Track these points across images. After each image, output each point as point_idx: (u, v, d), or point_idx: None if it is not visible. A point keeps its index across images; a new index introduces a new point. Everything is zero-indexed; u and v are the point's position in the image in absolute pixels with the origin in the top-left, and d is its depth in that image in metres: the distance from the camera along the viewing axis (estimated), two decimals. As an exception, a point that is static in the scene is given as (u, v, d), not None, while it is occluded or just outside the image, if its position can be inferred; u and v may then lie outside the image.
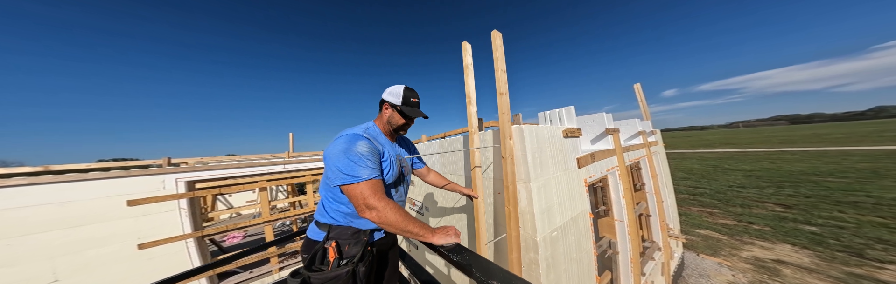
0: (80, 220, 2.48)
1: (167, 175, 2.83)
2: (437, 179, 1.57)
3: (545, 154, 1.74)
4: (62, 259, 2.41)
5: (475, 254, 0.88)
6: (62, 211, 2.43)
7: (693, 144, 35.23)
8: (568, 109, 2.26)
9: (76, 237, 2.47)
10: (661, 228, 3.56)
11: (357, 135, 1.01)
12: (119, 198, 2.61)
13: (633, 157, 3.29)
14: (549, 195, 1.71)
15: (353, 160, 0.92)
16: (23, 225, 2.30)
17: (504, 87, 1.62)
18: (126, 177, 2.64)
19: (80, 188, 2.51)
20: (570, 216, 1.89)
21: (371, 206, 0.88)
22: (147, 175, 2.73)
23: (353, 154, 0.93)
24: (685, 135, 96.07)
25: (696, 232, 5.45)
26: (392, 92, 1.16)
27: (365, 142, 0.98)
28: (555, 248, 1.68)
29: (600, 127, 2.84)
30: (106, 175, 2.58)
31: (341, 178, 0.91)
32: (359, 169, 0.91)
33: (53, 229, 2.40)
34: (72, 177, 2.46)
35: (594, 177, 2.33)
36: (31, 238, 2.33)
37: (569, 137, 2.02)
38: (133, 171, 2.71)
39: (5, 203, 2.26)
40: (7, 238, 2.24)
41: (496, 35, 1.70)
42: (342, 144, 0.96)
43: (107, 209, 2.58)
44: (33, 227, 2.34)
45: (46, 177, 2.40)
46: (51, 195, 2.41)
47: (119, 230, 2.61)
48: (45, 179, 2.39)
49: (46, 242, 2.36)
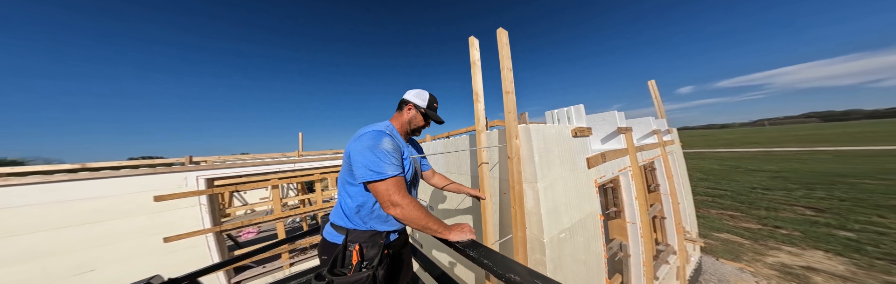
0: (113, 214, 2.67)
1: (189, 172, 2.99)
2: (440, 180, 1.54)
3: (552, 153, 1.71)
4: (98, 250, 2.60)
5: (490, 250, 0.91)
6: (97, 206, 2.62)
7: (711, 143, 33.57)
8: (577, 108, 2.21)
9: (110, 230, 2.66)
10: (676, 231, 3.42)
11: (381, 131, 1.01)
12: (147, 194, 2.79)
13: (647, 157, 3.18)
14: (556, 195, 1.68)
15: (379, 157, 0.92)
16: (64, 217, 2.51)
17: (510, 86, 1.61)
18: (152, 175, 2.82)
19: (113, 184, 2.70)
20: (579, 217, 1.86)
21: (396, 203, 0.89)
22: (171, 172, 2.90)
23: (380, 150, 0.93)
24: (702, 134, 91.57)
25: (714, 236, 5.21)
26: (418, 95, 1.18)
27: (389, 139, 0.98)
28: (562, 249, 1.66)
29: (612, 126, 2.76)
30: (135, 172, 2.77)
31: (368, 175, 0.91)
32: (385, 165, 0.92)
33: (90, 222, 2.59)
34: (105, 174, 2.65)
35: (605, 178, 2.27)
36: (72, 230, 2.53)
37: (578, 136, 1.98)
38: (159, 169, 2.89)
39: (49, 197, 2.47)
40: (51, 229, 2.45)
41: (502, 33, 1.68)
42: (368, 140, 0.96)
43: (136, 204, 2.76)
44: (73, 220, 2.54)
45: (83, 174, 2.60)
46: (87, 190, 2.61)
47: (147, 224, 2.80)
48: (82, 176, 2.59)
49: (85, 234, 2.56)
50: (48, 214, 2.44)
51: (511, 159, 1.56)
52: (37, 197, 2.42)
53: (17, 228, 2.34)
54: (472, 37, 1.89)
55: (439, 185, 1.54)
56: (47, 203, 2.44)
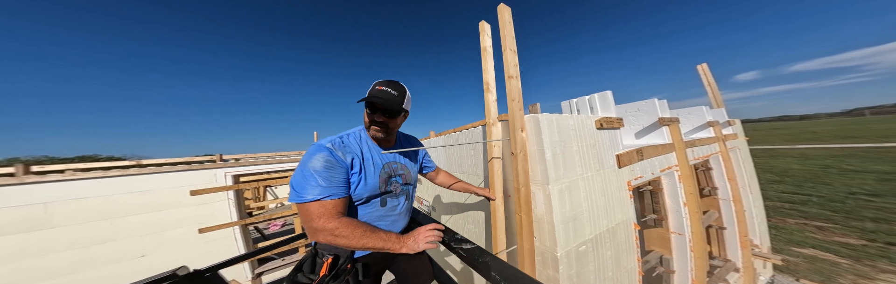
0: (158, 206, 3.01)
1: (218, 169, 3.27)
2: (446, 179, 1.44)
3: (570, 149, 1.42)
4: (148, 238, 2.96)
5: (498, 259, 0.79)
6: (146, 198, 2.98)
7: (788, 138, 27.99)
8: (602, 95, 1.84)
9: (157, 220, 3.01)
10: (740, 244, 2.80)
11: (320, 145, 0.88)
12: (184, 189, 3.10)
13: (700, 154, 2.62)
14: (576, 200, 1.40)
15: (304, 176, 0.82)
16: (120, 208, 2.88)
17: (514, 70, 1.36)
18: (188, 171, 3.12)
19: (158, 179, 3.05)
20: (607, 226, 1.54)
21: (315, 229, 0.78)
22: (203, 169, 3.19)
23: (307, 169, 0.82)
24: (774, 127, 76.77)
25: (794, 251, 4.23)
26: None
27: (323, 155, 0.85)
28: (582, 265, 1.37)
29: (650, 116, 2.30)
30: (174, 169, 3.08)
31: (292, 195, 0.82)
32: (307, 187, 0.80)
33: (141, 212, 2.95)
34: (151, 170, 2.99)
35: (642, 179, 1.88)
36: (128, 219, 2.91)
37: (605, 129, 1.64)
38: (194, 166, 3.18)
39: (110, 189, 2.86)
40: (111, 218, 2.84)
41: (504, 9, 1.43)
42: (304, 156, 0.87)
43: (177, 197, 3.09)
44: (128, 210, 2.91)
45: (134, 170, 2.96)
46: (138, 184, 2.97)
47: (185, 215, 3.11)
48: (133, 171, 2.95)
49: (137, 223, 2.93)
50: (108, 205, 2.83)
51: (515, 156, 1.31)
52: (98, 189, 2.81)
53: (86, 217, 2.75)
54: (482, 21, 1.72)
55: (445, 184, 1.42)
56: (106, 195, 2.82)
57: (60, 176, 2.67)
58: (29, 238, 2.52)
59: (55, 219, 2.61)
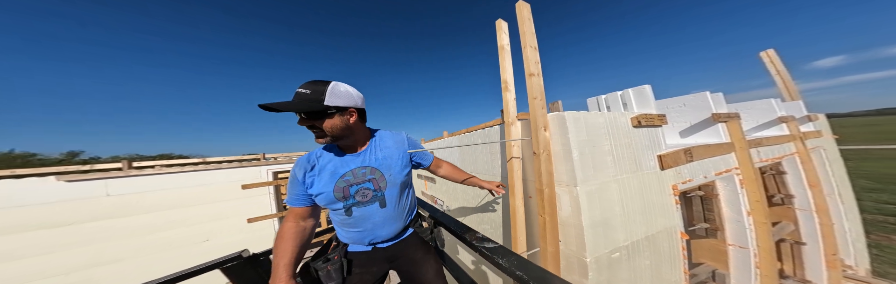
0: (216, 197, 3.50)
1: (261, 166, 3.69)
2: (452, 172, 1.26)
3: (601, 149, 1.32)
4: (210, 225, 3.44)
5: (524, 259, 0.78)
6: (208, 191, 3.46)
7: (887, 136, 22.34)
8: (639, 90, 1.66)
9: (216, 210, 3.48)
10: (827, 264, 2.33)
11: (302, 156, 0.97)
12: (237, 183, 3.55)
13: (769, 156, 2.24)
14: (607, 204, 1.29)
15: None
16: (191, 198, 3.40)
17: (535, 67, 1.30)
18: (239, 168, 3.57)
19: (218, 175, 3.52)
20: (645, 234, 1.39)
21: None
22: (250, 166, 3.63)
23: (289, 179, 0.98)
24: (867, 123, 61.51)
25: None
26: None
27: (296, 166, 0.92)
28: (614, 273, 1.25)
29: (699, 112, 2.02)
30: (229, 166, 3.54)
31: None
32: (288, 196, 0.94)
33: (205, 202, 3.44)
34: (211, 167, 3.47)
35: (691, 183, 1.66)
36: (195, 207, 3.41)
37: (643, 127, 1.49)
38: (243, 163, 3.62)
39: (183, 182, 3.39)
40: (183, 207, 3.36)
41: (523, 6, 1.38)
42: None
43: (230, 191, 3.55)
44: (196, 200, 3.43)
45: (201, 166, 3.46)
46: (204, 179, 3.47)
47: (237, 206, 3.55)
48: (200, 167, 3.45)
49: (201, 211, 3.42)
50: (180, 196, 3.34)
51: (537, 156, 1.25)
52: (175, 182, 3.35)
53: (168, 204, 3.30)
54: (499, 19, 1.70)
55: (452, 177, 1.27)
56: (181, 188, 3.35)
57: (151, 170, 3.26)
58: (129, 222, 3.09)
59: (145, 206, 3.18)
